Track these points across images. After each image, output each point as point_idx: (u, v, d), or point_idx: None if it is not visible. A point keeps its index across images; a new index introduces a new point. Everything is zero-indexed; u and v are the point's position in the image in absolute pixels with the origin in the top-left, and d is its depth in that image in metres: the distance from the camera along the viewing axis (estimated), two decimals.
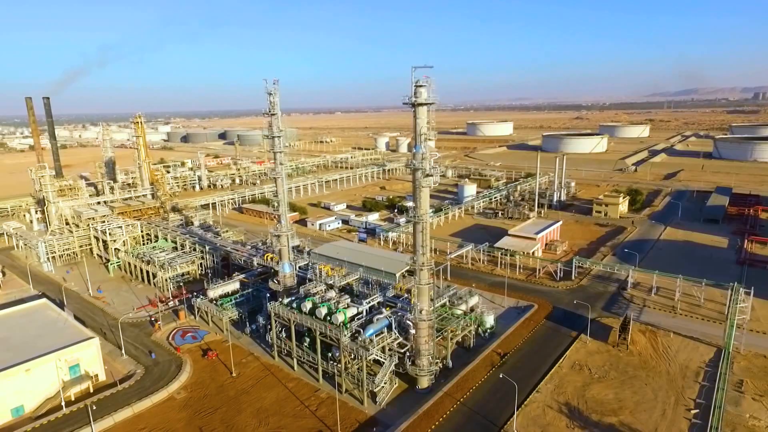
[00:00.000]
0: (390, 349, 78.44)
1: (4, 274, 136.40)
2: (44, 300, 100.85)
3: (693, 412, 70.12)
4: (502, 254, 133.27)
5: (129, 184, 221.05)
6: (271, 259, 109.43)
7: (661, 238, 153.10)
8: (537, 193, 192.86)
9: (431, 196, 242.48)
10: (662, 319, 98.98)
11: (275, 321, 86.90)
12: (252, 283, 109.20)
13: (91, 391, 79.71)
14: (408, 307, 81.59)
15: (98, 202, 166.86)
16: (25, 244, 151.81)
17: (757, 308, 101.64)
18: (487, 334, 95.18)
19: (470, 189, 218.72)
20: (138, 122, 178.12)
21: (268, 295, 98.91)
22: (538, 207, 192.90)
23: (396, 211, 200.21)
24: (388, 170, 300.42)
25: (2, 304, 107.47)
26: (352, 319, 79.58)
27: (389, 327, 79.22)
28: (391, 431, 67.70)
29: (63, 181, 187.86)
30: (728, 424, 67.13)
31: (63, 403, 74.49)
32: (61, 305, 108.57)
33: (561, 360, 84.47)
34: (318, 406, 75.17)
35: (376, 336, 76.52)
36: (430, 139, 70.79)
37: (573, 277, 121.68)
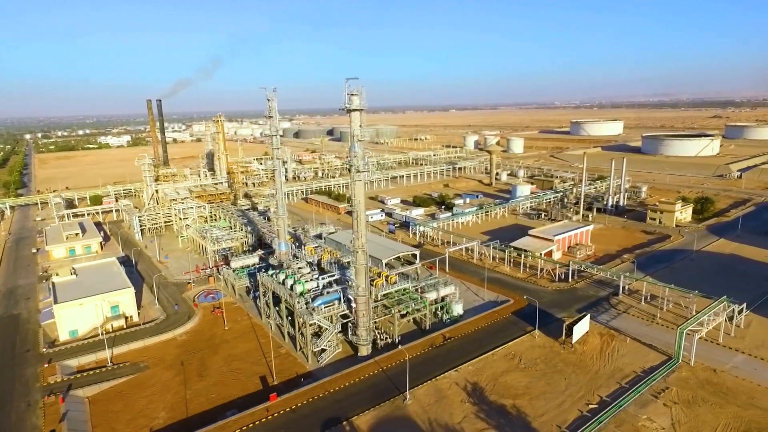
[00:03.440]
0: (338, 319, 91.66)
1: (108, 239, 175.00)
2: (113, 259, 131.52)
3: (590, 406, 72.61)
4: (509, 252, 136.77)
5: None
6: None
7: (704, 250, 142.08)
8: (583, 196, 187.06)
9: (487, 195, 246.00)
10: (634, 325, 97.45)
11: (262, 288, 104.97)
12: (266, 258, 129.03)
13: (125, 326, 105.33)
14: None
15: (183, 188, 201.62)
16: (128, 218, 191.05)
17: (757, 326, 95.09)
18: (448, 320, 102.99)
19: (523, 189, 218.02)
20: (218, 121, 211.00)
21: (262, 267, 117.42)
22: (587, 210, 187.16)
23: (443, 207, 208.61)
24: (460, 168, 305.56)
25: (97, 261, 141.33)
26: (309, 291, 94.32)
27: (339, 300, 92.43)
28: (315, 382, 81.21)
29: (167, 169, 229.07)
30: (618, 421, 68.99)
31: (100, 332, 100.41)
32: (133, 265, 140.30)
33: (498, 349, 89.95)
34: (274, 358, 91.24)
35: (325, 306, 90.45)
36: (360, 140, 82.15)
37: (570, 280, 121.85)
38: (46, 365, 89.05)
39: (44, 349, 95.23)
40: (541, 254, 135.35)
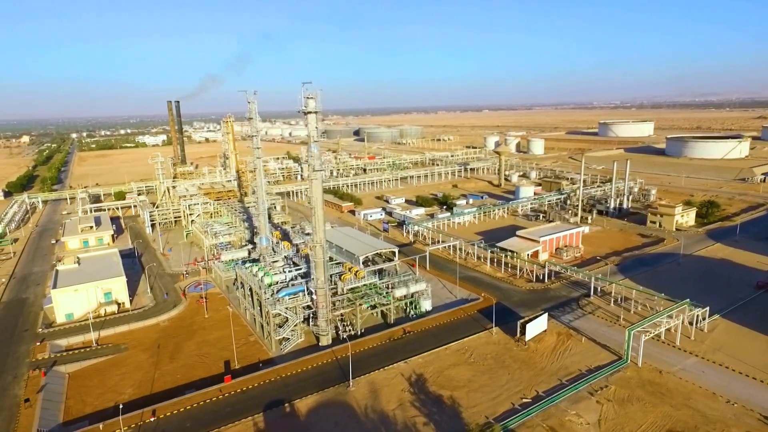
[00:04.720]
0: (301, 310, 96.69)
1: (122, 232, 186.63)
2: (115, 250, 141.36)
3: (524, 400, 74.78)
4: (492, 252, 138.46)
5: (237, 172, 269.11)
6: (276, 236, 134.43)
7: (695, 254, 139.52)
8: (581, 198, 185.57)
9: (493, 196, 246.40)
10: (595, 326, 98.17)
11: (239, 280, 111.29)
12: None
13: (116, 312, 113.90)
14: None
15: (193, 185, 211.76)
16: (142, 213, 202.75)
17: (721, 331, 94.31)
18: (414, 315, 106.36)
19: (527, 191, 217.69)
20: (227, 122, 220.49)
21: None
22: (587, 212, 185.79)
23: (445, 207, 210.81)
24: (472, 169, 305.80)
25: (100, 251, 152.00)
26: (277, 282, 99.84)
27: (304, 292, 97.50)
28: (272, 367, 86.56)
29: (184, 167, 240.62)
30: (546, 415, 70.96)
31: (91, 316, 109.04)
32: (138, 256, 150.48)
33: (452, 343, 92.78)
34: (242, 345, 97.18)
35: (289, 298, 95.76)
36: (316, 141, 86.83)
37: (546, 280, 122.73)
38: (38, 343, 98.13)
39: (40, 330, 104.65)
40: (527, 255, 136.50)
